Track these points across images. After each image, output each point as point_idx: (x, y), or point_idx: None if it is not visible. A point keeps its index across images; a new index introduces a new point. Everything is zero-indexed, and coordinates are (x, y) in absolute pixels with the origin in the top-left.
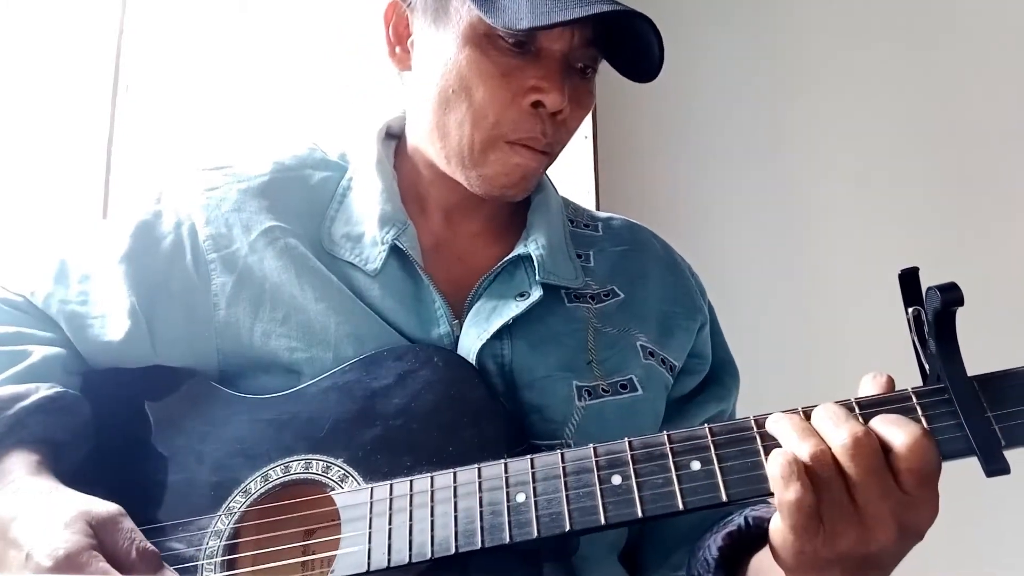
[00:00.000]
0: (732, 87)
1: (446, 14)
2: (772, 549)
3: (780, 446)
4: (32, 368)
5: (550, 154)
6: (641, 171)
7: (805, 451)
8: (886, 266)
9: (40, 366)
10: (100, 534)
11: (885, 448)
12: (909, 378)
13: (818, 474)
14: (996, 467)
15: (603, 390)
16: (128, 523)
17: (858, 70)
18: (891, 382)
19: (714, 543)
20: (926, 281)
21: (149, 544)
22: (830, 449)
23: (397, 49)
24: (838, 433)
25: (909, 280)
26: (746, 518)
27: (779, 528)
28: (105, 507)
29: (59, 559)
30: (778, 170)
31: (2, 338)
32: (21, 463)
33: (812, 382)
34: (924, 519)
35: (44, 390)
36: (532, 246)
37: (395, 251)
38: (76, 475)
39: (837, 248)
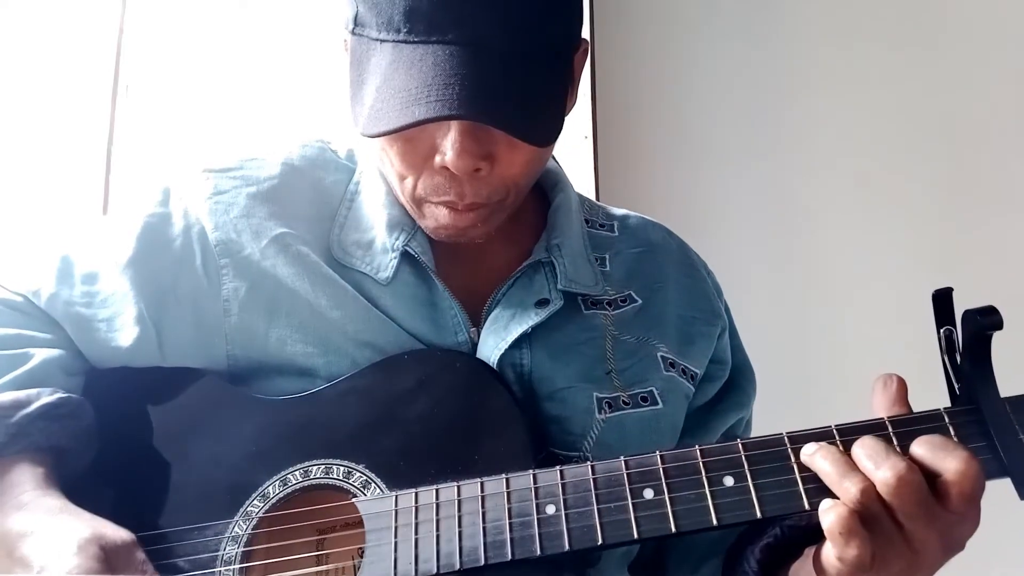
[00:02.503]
0: (731, 87)
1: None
2: (818, 571)
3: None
4: (31, 373)
5: (485, 204)
6: (641, 171)
7: (851, 488)
8: (885, 266)
9: (39, 370)
10: (112, 561)
11: (933, 474)
12: (906, 375)
13: (867, 510)
14: None
15: (623, 402)
16: (140, 554)
17: (857, 70)
18: (903, 386)
19: (752, 555)
20: (927, 287)
21: None
22: (874, 486)
23: None
24: (882, 470)
25: (943, 300)
26: (782, 527)
27: (833, 565)
28: (118, 534)
29: None
30: (777, 170)
31: (2, 341)
32: (27, 476)
33: (811, 382)
34: (968, 532)
35: (46, 396)
36: (554, 251)
37: (407, 257)
38: (88, 479)
39: (836, 248)
